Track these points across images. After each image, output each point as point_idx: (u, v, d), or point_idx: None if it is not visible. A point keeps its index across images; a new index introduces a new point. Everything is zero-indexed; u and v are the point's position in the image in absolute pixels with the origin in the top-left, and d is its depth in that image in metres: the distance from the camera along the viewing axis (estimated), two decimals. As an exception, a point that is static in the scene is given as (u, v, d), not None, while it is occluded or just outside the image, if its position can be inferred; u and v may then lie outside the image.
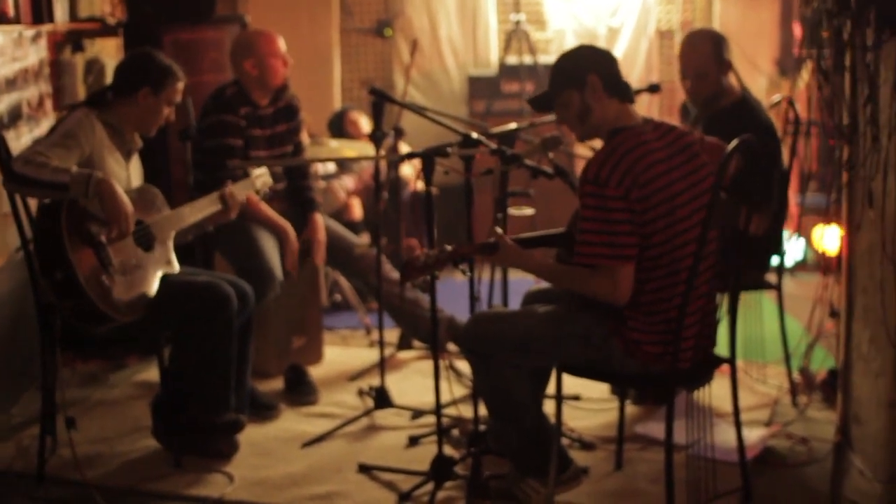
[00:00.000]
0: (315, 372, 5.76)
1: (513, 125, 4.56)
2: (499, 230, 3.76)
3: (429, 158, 3.96)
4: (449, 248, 3.65)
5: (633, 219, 3.53)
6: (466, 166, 4.23)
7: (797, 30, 8.65)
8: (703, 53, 4.88)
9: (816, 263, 7.30)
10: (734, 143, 3.57)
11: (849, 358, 4.65)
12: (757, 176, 4.09)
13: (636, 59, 8.93)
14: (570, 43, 8.92)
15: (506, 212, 4.54)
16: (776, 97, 5.20)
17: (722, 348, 3.97)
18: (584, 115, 3.70)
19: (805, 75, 8.49)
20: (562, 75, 3.74)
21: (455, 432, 4.76)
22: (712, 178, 3.76)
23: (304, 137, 5.88)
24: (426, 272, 3.58)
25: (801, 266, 7.59)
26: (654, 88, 4.95)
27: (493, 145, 4.20)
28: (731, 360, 3.96)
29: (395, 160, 4.27)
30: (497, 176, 4.27)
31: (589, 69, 3.68)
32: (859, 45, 3.96)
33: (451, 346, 5.86)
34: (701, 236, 3.59)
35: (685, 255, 3.64)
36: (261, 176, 4.92)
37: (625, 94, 3.74)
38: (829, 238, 7.20)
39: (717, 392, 4.16)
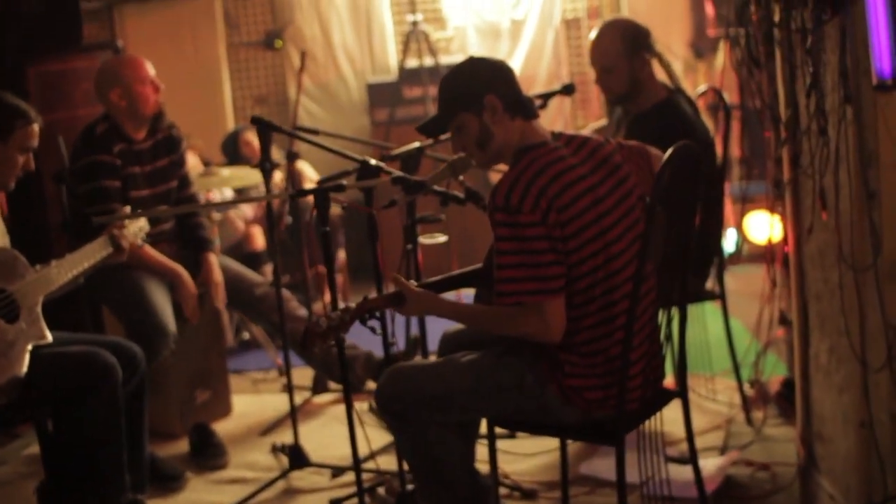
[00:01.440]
0: (223, 427, 5.28)
1: (416, 144, 4.08)
2: (402, 279, 3.28)
3: (322, 195, 3.46)
4: (353, 305, 3.17)
5: (555, 246, 3.09)
6: (367, 199, 3.74)
7: (709, 9, 8.30)
8: (610, 47, 4.45)
9: (751, 254, 6.92)
10: (670, 151, 3.11)
11: (806, 370, 4.24)
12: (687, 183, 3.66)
13: (543, 52, 8.56)
14: (472, 40, 8.54)
15: (416, 241, 4.06)
16: (701, 87, 4.75)
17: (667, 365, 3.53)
18: (485, 139, 3.25)
19: (721, 57, 8.19)
20: (454, 98, 3.27)
21: (381, 491, 4.26)
22: (639, 189, 3.32)
23: (195, 165, 5.34)
24: (329, 338, 3.09)
25: (734, 258, 7.17)
26: (568, 89, 4.50)
27: (395, 172, 3.71)
28: (683, 393, 3.50)
29: (286, 197, 3.75)
30: (402, 205, 3.79)
31: (485, 89, 3.23)
32: (797, 28, 3.52)
33: (371, 385, 5.37)
34: (640, 256, 3.14)
35: (622, 282, 3.20)
36: (135, 221, 4.35)
37: (528, 110, 3.28)
38: (765, 228, 6.87)
39: (667, 415, 3.70)
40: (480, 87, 3.24)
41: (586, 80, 7.88)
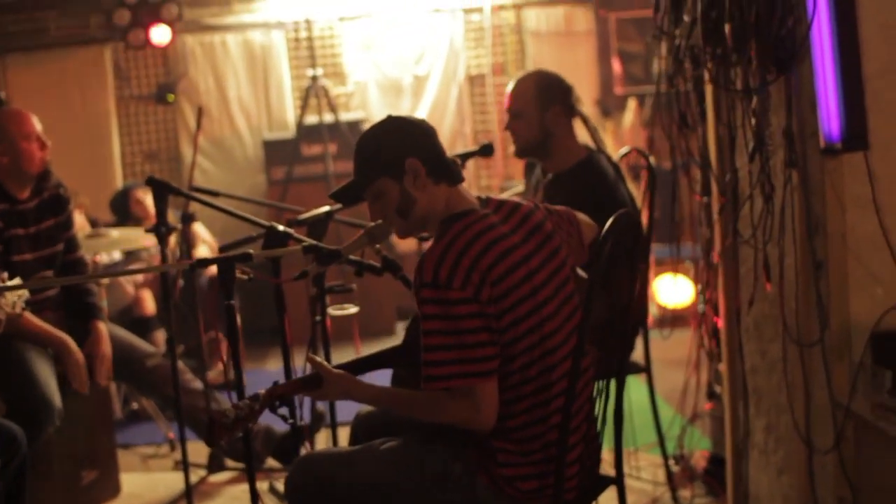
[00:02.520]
0: (111, 511, 4.83)
1: (324, 209, 3.77)
2: (319, 360, 2.97)
3: (226, 265, 3.14)
4: (261, 393, 2.84)
5: (488, 325, 2.80)
6: (274, 268, 3.42)
7: (617, 67, 8.17)
8: (522, 92, 4.22)
9: (661, 318, 6.73)
10: (611, 221, 2.85)
11: (738, 447, 4.01)
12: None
13: (446, 108, 8.39)
14: (374, 96, 8.30)
15: (324, 314, 3.75)
16: (624, 149, 4.52)
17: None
18: (406, 207, 2.96)
19: (629, 115, 8.05)
20: (371, 162, 2.98)
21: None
22: (572, 259, 3.06)
23: (82, 225, 4.95)
24: (237, 431, 2.75)
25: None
26: (486, 150, 4.23)
27: (306, 240, 3.40)
28: (619, 480, 3.22)
29: (188, 269, 3.44)
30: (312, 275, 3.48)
31: (406, 151, 2.94)
32: (741, 88, 3.31)
33: (272, 462, 5.02)
34: (579, 332, 2.89)
35: (559, 361, 2.93)
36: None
37: (453, 175, 3.00)
38: (674, 293, 6.69)
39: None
40: (401, 149, 2.96)
41: (490, 139, 7.65)
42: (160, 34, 7.66)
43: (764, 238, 3.29)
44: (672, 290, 6.67)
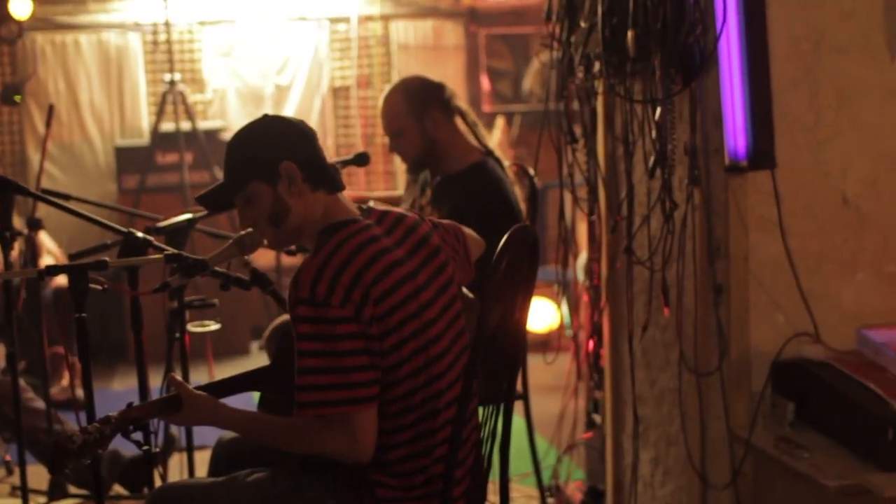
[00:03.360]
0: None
1: (186, 216, 3.46)
2: (180, 380, 2.67)
3: (79, 274, 2.81)
4: (114, 415, 2.52)
5: (369, 347, 2.54)
6: (130, 279, 3.10)
7: (485, 84, 7.99)
8: (394, 109, 3.98)
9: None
10: (507, 236, 2.60)
11: (618, 480, 3.81)
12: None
13: (309, 119, 7.94)
14: (233, 104, 7.97)
15: (184, 330, 3.43)
16: (507, 163, 4.29)
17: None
18: (280, 215, 2.68)
19: (497, 133, 7.87)
20: (243, 164, 2.70)
21: None
22: (458, 276, 2.83)
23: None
24: (85, 457, 2.43)
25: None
26: (361, 159, 3.96)
27: (168, 249, 3.09)
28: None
29: (36, 277, 3.10)
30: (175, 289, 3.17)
31: (282, 154, 2.66)
32: (643, 99, 3.11)
33: (117, 488, 4.67)
34: (472, 354, 2.64)
35: (446, 388, 2.68)
36: None
37: (333, 182, 2.74)
38: (546, 317, 6.52)
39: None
40: (276, 151, 2.67)
41: (353, 152, 7.38)
42: (19, 7, 7.04)
43: (663, 259, 3.09)
44: (541, 314, 6.49)
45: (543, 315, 6.49)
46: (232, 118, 7.93)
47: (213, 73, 8.01)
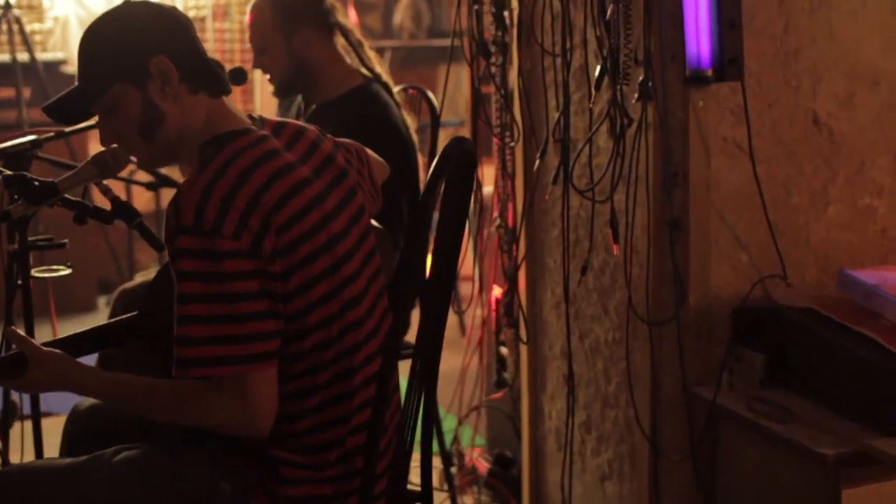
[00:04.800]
0: None
1: (30, 137, 2.84)
2: (21, 335, 2.10)
3: None
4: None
5: (270, 289, 2.00)
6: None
7: (353, 16, 7.40)
8: (260, 20, 3.37)
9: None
10: (442, 153, 2.06)
11: (539, 447, 3.35)
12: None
13: None
14: (76, 34, 7.21)
15: (27, 276, 2.81)
16: (402, 86, 3.73)
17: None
18: (151, 123, 2.12)
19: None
20: (102, 62, 2.13)
21: None
22: (368, 205, 2.30)
23: None
24: None
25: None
26: (237, 76, 3.35)
27: (5, 171, 2.48)
28: (426, 495, 2.44)
29: None
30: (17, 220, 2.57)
31: (151, 48, 2.10)
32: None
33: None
34: (395, 299, 2.17)
35: (363, 339, 2.17)
36: None
37: (216, 82, 2.18)
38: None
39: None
40: (144, 44, 2.10)
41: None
42: None
43: (611, 186, 2.59)
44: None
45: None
46: (74, 50, 7.17)
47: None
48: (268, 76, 3.44)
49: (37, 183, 2.33)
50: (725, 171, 2.60)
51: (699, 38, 2.50)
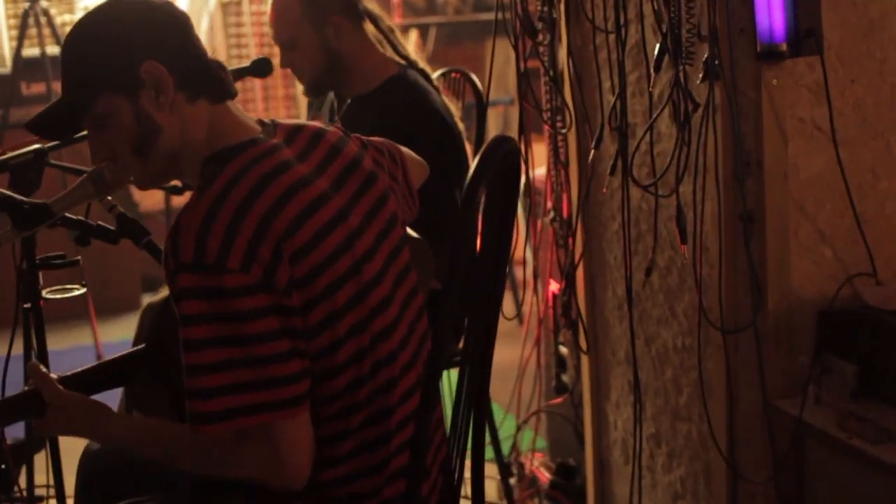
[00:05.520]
0: None
1: (34, 146, 2.60)
2: (44, 371, 1.88)
3: None
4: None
5: (289, 326, 1.74)
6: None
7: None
8: (285, 14, 3.05)
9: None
10: (483, 151, 1.78)
11: (604, 459, 3.08)
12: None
13: None
14: (109, 25, 6.99)
15: (37, 297, 2.57)
16: (439, 71, 3.44)
17: None
18: (147, 139, 1.85)
19: (410, 48, 7.02)
20: (87, 70, 1.85)
21: None
22: (402, 213, 2.04)
23: None
24: None
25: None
26: (261, 67, 3.06)
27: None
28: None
29: None
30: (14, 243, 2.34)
31: (142, 52, 1.82)
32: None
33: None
34: (437, 324, 1.81)
35: (399, 374, 1.92)
36: None
37: (219, 87, 1.90)
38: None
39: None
40: (133, 48, 1.82)
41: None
42: None
43: (676, 180, 2.30)
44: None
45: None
46: (107, 41, 7.01)
47: (82, -11, 7.07)
48: (297, 75, 3.15)
49: (27, 206, 2.08)
50: (804, 157, 2.30)
51: (771, 9, 2.20)
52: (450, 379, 2.85)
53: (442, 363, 1.81)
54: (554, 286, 3.33)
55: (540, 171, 3.36)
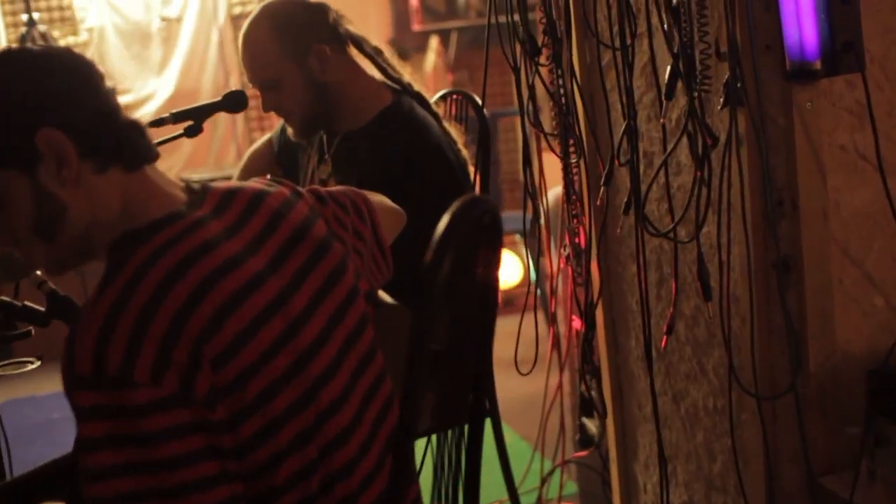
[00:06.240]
0: None
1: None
2: None
3: None
4: None
5: (215, 444, 1.44)
6: None
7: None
8: (261, 51, 2.69)
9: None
10: (448, 215, 1.46)
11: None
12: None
13: (206, 57, 7.00)
14: (114, 44, 6.94)
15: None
16: (441, 92, 3.11)
17: None
18: (49, 220, 1.53)
19: (431, 56, 6.73)
20: None
21: None
22: (365, 280, 1.74)
23: None
24: None
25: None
26: (234, 101, 2.74)
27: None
28: None
29: None
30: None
31: (36, 117, 1.49)
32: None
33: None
34: (408, 393, 1.57)
35: (359, 487, 1.59)
36: None
37: (133, 150, 1.57)
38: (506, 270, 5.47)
39: None
40: (26, 114, 1.49)
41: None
42: None
43: (696, 225, 1.96)
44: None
45: (504, 270, 5.43)
46: (113, 62, 6.78)
47: (86, 9, 6.84)
48: (284, 117, 2.83)
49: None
50: (846, 191, 1.97)
51: (801, 20, 1.86)
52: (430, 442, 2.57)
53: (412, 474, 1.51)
54: (577, 324, 3.01)
55: (554, 190, 3.03)
